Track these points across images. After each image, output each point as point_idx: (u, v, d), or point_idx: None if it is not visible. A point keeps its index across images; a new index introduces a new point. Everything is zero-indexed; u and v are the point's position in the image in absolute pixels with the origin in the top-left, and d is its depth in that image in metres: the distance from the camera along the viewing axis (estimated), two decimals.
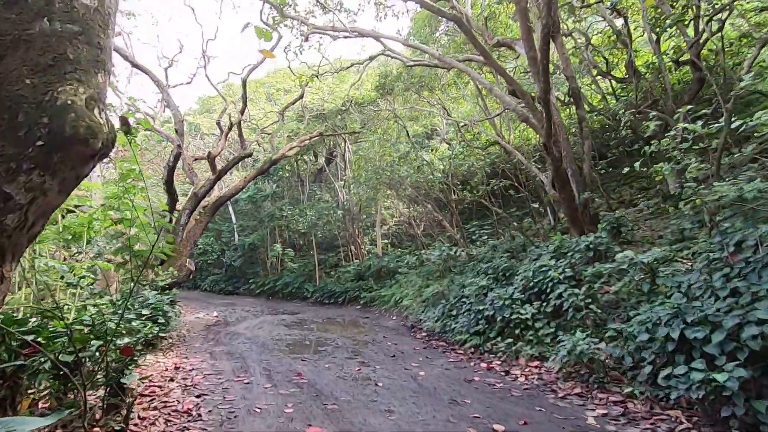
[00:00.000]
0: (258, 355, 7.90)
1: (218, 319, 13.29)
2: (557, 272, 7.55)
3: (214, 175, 12.51)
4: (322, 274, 19.90)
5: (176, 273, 11.28)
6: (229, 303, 18.59)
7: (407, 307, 13.24)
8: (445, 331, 9.28)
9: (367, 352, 8.39)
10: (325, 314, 15.06)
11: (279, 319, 13.53)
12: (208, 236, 24.38)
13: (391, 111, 17.79)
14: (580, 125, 10.42)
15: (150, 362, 6.91)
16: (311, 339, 10.08)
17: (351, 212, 20.54)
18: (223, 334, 10.47)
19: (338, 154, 23.28)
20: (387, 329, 11.55)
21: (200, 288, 24.31)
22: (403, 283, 15.79)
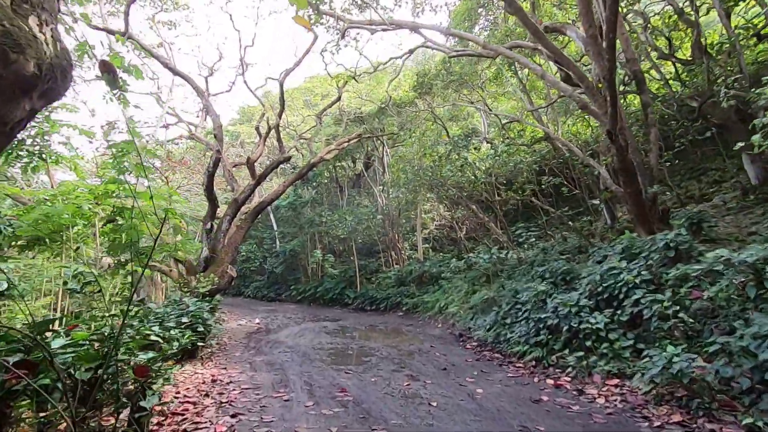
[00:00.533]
0: (299, 366, 7.31)
1: (260, 326, 12.90)
2: (631, 275, 6.52)
3: (253, 181, 12.19)
4: (362, 279, 19.30)
5: (217, 280, 10.95)
6: (271, 309, 18.30)
7: (453, 314, 12.36)
8: (499, 341, 8.36)
9: (414, 364, 7.62)
10: (367, 321, 14.41)
11: (320, 326, 12.99)
12: (250, 243, 24.41)
13: (430, 111, 17.05)
14: (645, 112, 9.28)
15: (188, 373, 6.45)
16: (354, 348, 9.42)
17: (390, 216, 19.88)
18: (264, 342, 10.00)
19: (376, 158, 22.75)
20: (433, 338, 10.73)
21: (243, 294, 24.33)
22: (447, 289, 14.91)
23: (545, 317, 7.08)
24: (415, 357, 8.28)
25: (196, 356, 7.46)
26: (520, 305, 8.49)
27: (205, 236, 11.85)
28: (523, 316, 7.88)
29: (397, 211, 20.03)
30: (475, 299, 11.77)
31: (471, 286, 13.61)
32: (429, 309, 14.50)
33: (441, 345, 9.68)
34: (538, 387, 5.92)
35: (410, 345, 9.71)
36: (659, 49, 11.37)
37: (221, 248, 12.33)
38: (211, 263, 12.12)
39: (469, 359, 7.90)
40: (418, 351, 8.95)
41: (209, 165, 10.77)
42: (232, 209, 12.39)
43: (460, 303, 12.84)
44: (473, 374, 6.77)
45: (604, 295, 6.81)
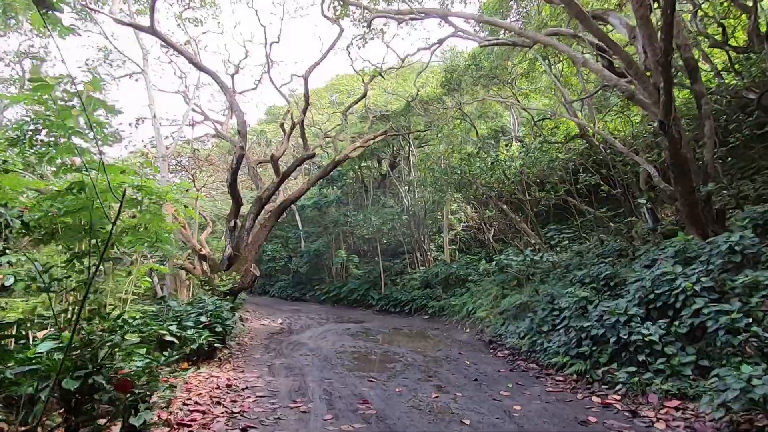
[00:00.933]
0: (319, 372, 6.83)
1: (282, 326, 12.55)
2: (689, 282, 5.74)
3: (277, 178, 11.85)
4: (387, 281, 18.76)
5: (239, 278, 10.64)
6: (295, 309, 18.00)
7: (482, 319, 11.66)
8: (534, 351, 7.66)
9: (442, 373, 7.02)
10: (391, 324, 13.87)
11: (343, 328, 12.52)
12: (275, 243, 24.26)
13: (458, 108, 16.38)
14: (698, 103, 8.40)
15: (203, 376, 6.06)
16: (377, 352, 8.89)
17: (416, 217, 19.29)
18: (285, 343, 9.60)
19: (402, 157, 22.22)
20: (461, 344, 10.10)
21: (269, 294, 24.20)
22: (475, 292, 14.20)
23: (588, 326, 6.35)
24: (442, 365, 7.68)
25: (214, 357, 7.09)
26: (558, 312, 7.78)
27: (228, 234, 11.58)
28: (561, 324, 7.16)
29: (423, 211, 19.43)
30: (505, 304, 11.06)
31: (501, 290, 12.88)
32: (456, 313, 13.83)
33: (470, 352, 9.04)
34: (582, 405, 5.23)
35: (437, 351, 9.11)
36: (711, 37, 10.39)
37: (245, 247, 12.04)
38: (235, 261, 11.84)
39: (501, 369, 7.24)
40: (446, 358, 8.34)
41: (233, 162, 10.49)
42: (256, 207, 12.09)
43: (490, 307, 12.13)
44: (508, 387, 6.12)
45: (656, 303, 6.04)
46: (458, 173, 14.41)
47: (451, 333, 11.88)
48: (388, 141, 19.50)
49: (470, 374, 6.93)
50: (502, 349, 8.98)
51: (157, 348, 6.65)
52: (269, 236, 25.89)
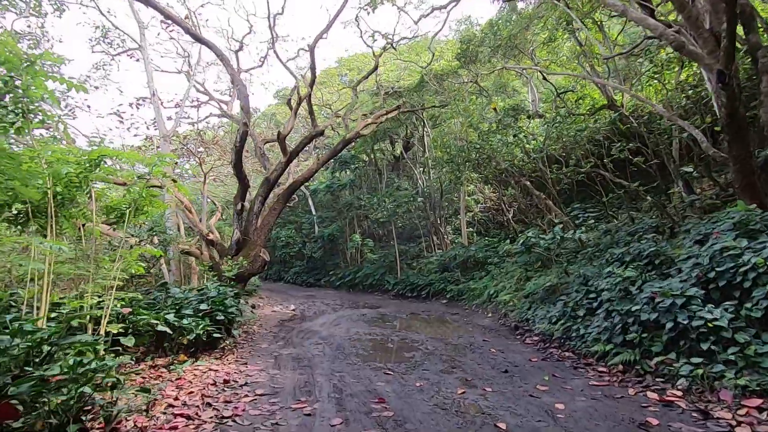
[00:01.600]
0: (330, 363, 6.10)
1: (295, 313, 11.90)
2: (761, 257, 4.78)
3: (285, 158, 11.08)
4: (403, 265, 18.00)
5: (245, 263, 9.97)
6: (309, 295, 17.40)
7: (505, 303, 10.82)
8: (569, 338, 6.80)
9: (467, 363, 6.22)
10: (408, 309, 13.12)
11: (359, 314, 11.82)
12: (289, 228, 23.69)
13: (475, 82, 15.31)
14: (753, 56, 7.26)
15: (200, 370, 5.39)
16: (394, 340, 8.13)
17: (432, 199, 18.39)
18: (296, 331, 8.92)
19: (416, 139, 21.26)
20: (484, 329, 9.28)
21: (284, 280, 23.69)
22: (496, 275, 13.36)
23: (636, 310, 5.44)
24: (466, 353, 6.89)
25: (216, 348, 6.43)
26: (594, 294, 6.88)
27: (236, 218, 10.90)
28: (601, 308, 6.27)
29: (439, 192, 18.51)
30: (531, 287, 10.18)
31: (524, 272, 12.00)
32: (476, 297, 13.02)
33: (494, 338, 8.22)
34: (637, 403, 4.37)
35: (459, 337, 8.32)
36: None
37: (254, 231, 11.37)
38: (243, 246, 11.19)
39: (533, 358, 6.41)
40: (469, 345, 7.54)
41: (236, 140, 9.74)
42: (264, 189, 11.37)
43: (513, 291, 11.27)
44: (544, 380, 5.30)
45: (718, 282, 5.10)
46: (476, 149, 13.41)
47: (472, 318, 11.07)
48: (402, 121, 18.54)
49: (498, 364, 6.12)
50: (530, 335, 8.13)
51: (153, 339, 6.01)
52: (283, 222, 25.33)
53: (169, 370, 5.34)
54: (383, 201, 18.34)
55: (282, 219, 25.30)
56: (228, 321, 6.76)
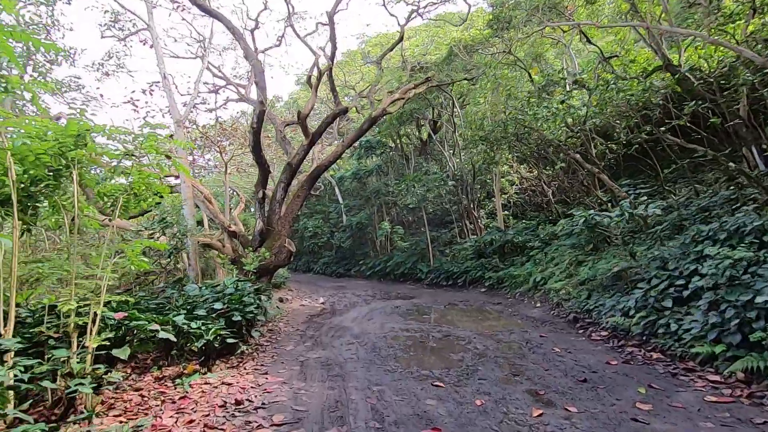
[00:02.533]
0: (365, 371, 5.02)
1: (324, 306, 10.93)
2: None
3: (307, 140, 10.03)
4: (435, 252, 16.80)
5: (268, 255, 9.03)
6: (339, 286, 16.47)
7: (556, 292, 9.49)
8: (653, 335, 5.47)
9: (530, 368, 5.02)
10: (445, 299, 11.96)
11: (392, 306, 10.75)
12: (316, 218, 22.81)
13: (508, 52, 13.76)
14: None
15: (210, 384, 4.41)
16: (436, 337, 6.99)
17: (464, 182, 17.02)
18: (326, 328, 7.90)
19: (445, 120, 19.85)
20: (536, 322, 8.02)
21: (313, 271, 22.90)
22: (540, 261, 11.98)
23: (763, 301, 4.09)
24: (526, 354, 5.67)
25: (234, 353, 5.47)
26: (684, 281, 5.51)
27: (258, 207, 9.97)
28: (702, 297, 4.90)
29: (471, 175, 17.11)
30: (586, 272, 8.83)
31: (574, 256, 10.61)
32: (519, 284, 11.71)
33: (552, 333, 6.96)
34: None
35: (510, 333, 7.10)
36: None
37: (277, 220, 10.41)
38: (267, 237, 10.26)
39: (611, 361, 5.13)
40: (526, 343, 6.32)
41: (252, 121, 8.73)
42: (287, 175, 10.36)
43: (564, 277, 9.91)
44: (639, 393, 4.04)
45: None
46: (515, 122, 11.97)
47: (517, 308, 9.80)
48: (430, 101, 17.18)
49: (570, 369, 4.89)
50: (595, 329, 6.82)
51: (160, 348, 5.08)
52: (310, 212, 24.48)
53: (175, 384, 4.39)
54: (412, 186, 17.10)
55: (309, 209, 24.47)
56: (246, 322, 5.79)
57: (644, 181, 12.79)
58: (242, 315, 5.56)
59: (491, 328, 7.59)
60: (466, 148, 17.08)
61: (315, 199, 24.82)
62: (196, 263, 8.52)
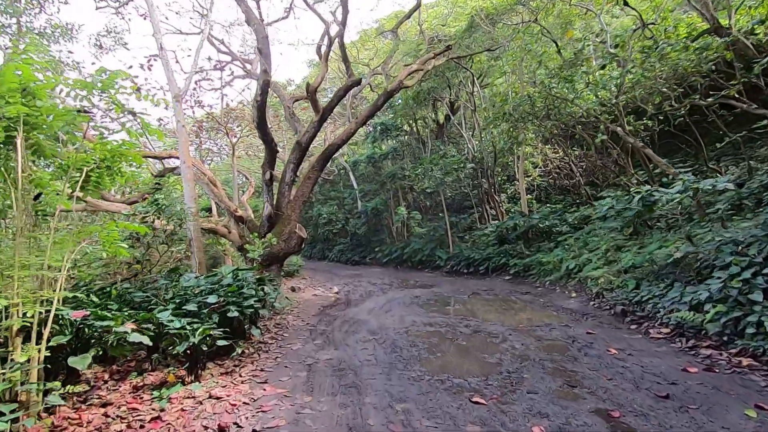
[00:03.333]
0: (385, 380, 4.07)
1: (338, 296, 10.04)
2: None
3: (317, 116, 9.03)
4: (454, 238, 15.74)
5: (274, 241, 8.13)
6: (355, 274, 15.60)
7: (595, 280, 8.38)
8: (739, 334, 4.38)
9: (588, 376, 4.00)
10: (467, 287, 10.96)
11: (411, 296, 9.80)
12: (331, 204, 21.90)
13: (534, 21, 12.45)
14: None
15: (195, 399, 3.52)
16: (465, 333, 6.00)
17: (485, 164, 15.84)
18: (339, 322, 6.99)
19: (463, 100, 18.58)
20: (575, 315, 6.96)
21: (328, 258, 22.08)
22: (571, 246, 10.83)
23: None
24: (576, 356, 4.65)
25: (232, 355, 4.58)
26: None
27: (265, 190, 9.05)
28: None
29: (492, 157, 15.89)
30: (631, 259, 7.69)
31: (612, 240, 9.46)
32: (548, 272, 10.61)
33: (600, 329, 5.90)
34: None
35: (550, 328, 6.07)
36: None
37: (287, 204, 9.50)
38: (277, 222, 9.37)
39: (689, 368, 4.06)
40: (572, 341, 5.29)
41: (257, 94, 7.75)
42: (296, 155, 9.41)
43: (603, 264, 8.78)
44: (746, 415, 3.00)
45: None
46: (546, 94, 10.72)
47: (550, 298, 8.74)
48: (447, 78, 15.93)
49: (640, 379, 3.85)
50: (652, 324, 5.74)
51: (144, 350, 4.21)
52: (324, 198, 23.58)
53: (152, 398, 3.51)
54: (429, 169, 16.01)
55: (323, 195, 23.59)
56: (246, 318, 4.89)
57: (682, 160, 11.49)
58: (240, 310, 4.67)
59: (526, 322, 6.57)
60: (486, 128, 15.84)
61: (329, 185, 23.91)
62: (199, 251, 7.68)
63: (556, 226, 13.05)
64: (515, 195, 17.88)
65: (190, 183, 7.98)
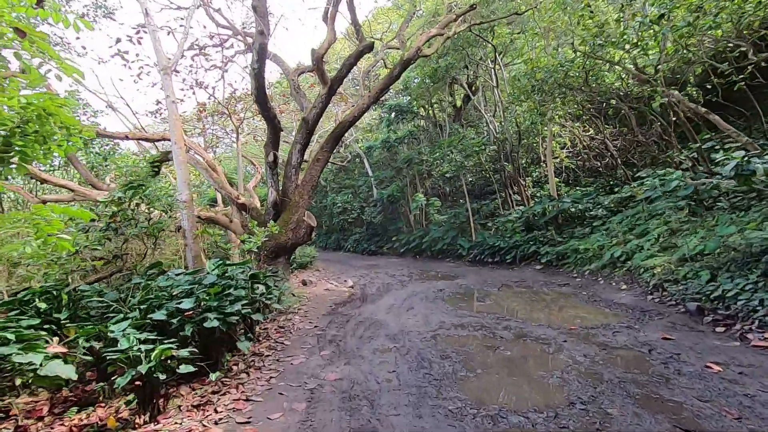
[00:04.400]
0: (413, 417, 2.88)
1: (353, 291, 8.90)
2: None
3: (324, 88, 7.81)
4: (477, 225, 14.41)
5: (281, 230, 7.00)
6: (372, 265, 14.47)
7: (649, 270, 7.02)
8: None
9: (702, 410, 2.74)
10: (495, 278, 9.71)
11: (435, 289, 8.61)
12: (345, 193, 20.72)
13: None
14: None
15: None
16: (506, 339, 4.77)
17: (509, 144, 14.40)
18: (353, 324, 5.84)
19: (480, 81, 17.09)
20: (634, 313, 5.65)
21: (343, 249, 21.00)
22: (614, 230, 9.42)
23: None
24: (667, 376, 3.38)
25: (211, 377, 3.48)
26: None
27: (269, 174, 7.92)
28: None
29: (517, 137, 14.43)
30: (695, 245, 6.31)
31: (662, 224, 8.06)
32: (587, 260, 9.25)
33: (676, 332, 4.60)
34: None
35: (611, 330, 4.80)
36: None
37: (294, 189, 8.36)
38: (283, 209, 8.25)
39: None
40: (649, 352, 4.02)
41: (253, 60, 6.54)
42: (303, 134, 8.24)
43: (659, 251, 7.39)
44: None
45: None
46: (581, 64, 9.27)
47: (594, 291, 7.42)
48: (467, 54, 14.47)
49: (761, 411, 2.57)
50: (746, 327, 4.40)
51: None
52: (338, 187, 22.41)
53: None
54: (449, 152, 14.66)
55: (337, 184, 22.43)
56: (231, 327, 3.76)
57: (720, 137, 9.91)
58: (223, 318, 3.54)
59: (579, 323, 5.30)
60: (509, 106, 14.37)
61: (343, 172, 22.72)
62: (195, 242, 6.61)
63: (589, 210, 11.63)
64: (540, 178, 16.39)
65: (183, 167, 6.89)
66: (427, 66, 15.27)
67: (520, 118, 14.27)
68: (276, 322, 5.63)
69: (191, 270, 5.31)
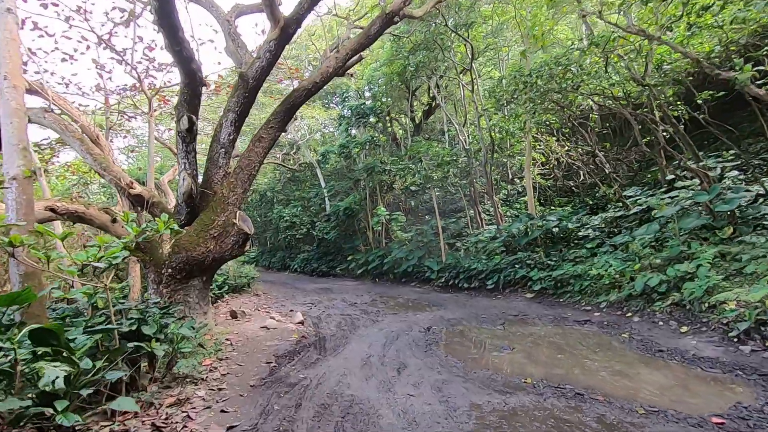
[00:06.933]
0: None
1: (303, 329, 5.90)
2: None
3: (275, 28, 5.04)
4: (445, 245, 12.04)
5: (197, 236, 3.91)
6: (324, 289, 11.45)
7: (719, 307, 4.88)
8: None
9: None
10: (482, 309, 7.29)
11: (418, 327, 5.92)
12: (294, 205, 17.53)
13: None
14: None
15: None
16: None
17: (483, 158, 12.35)
18: (309, 414, 2.93)
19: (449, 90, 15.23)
20: (747, 376, 3.33)
21: (290, 269, 17.61)
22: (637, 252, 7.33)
23: None
24: None
25: None
26: None
27: (181, 149, 4.92)
28: None
29: (490, 149, 12.44)
30: None
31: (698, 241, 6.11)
32: (602, 290, 7.05)
33: None
34: None
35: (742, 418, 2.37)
36: None
37: (222, 177, 5.36)
38: (203, 207, 5.20)
39: None
40: None
41: None
42: (239, 98, 5.35)
43: (723, 279, 5.30)
44: None
45: None
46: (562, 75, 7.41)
47: (639, 333, 5.16)
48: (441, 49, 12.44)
49: None
50: None
51: None
52: (286, 198, 19.05)
53: None
54: (418, 161, 12.32)
55: (285, 195, 19.15)
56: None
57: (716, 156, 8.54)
58: None
59: (672, 397, 2.86)
60: (484, 113, 12.43)
61: (292, 184, 19.53)
62: (28, 254, 3.39)
63: (577, 230, 9.69)
64: (508, 197, 14.60)
65: (17, 117, 3.75)
66: (396, 63, 13.08)
67: (495, 128, 12.40)
68: (150, 412, 2.59)
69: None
